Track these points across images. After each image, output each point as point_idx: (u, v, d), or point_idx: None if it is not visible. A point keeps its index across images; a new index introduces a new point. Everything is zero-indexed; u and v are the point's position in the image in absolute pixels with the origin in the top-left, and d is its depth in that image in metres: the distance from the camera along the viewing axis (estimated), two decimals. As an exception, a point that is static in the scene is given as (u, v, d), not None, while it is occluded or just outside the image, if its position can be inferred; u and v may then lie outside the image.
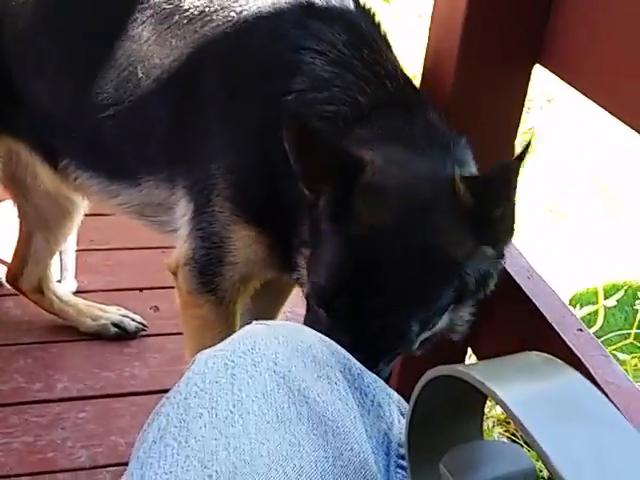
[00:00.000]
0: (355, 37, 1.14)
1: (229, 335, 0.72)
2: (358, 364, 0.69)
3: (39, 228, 1.72)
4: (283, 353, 0.66)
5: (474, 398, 0.52)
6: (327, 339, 0.70)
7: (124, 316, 1.83)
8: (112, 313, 1.83)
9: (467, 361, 1.44)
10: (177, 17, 1.22)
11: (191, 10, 1.21)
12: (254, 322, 0.74)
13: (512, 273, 1.20)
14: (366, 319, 0.96)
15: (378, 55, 1.13)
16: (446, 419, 0.54)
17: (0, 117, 1.40)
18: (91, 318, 1.81)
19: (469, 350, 1.37)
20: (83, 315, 1.81)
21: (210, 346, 0.70)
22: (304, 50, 1.12)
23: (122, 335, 1.82)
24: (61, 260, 1.90)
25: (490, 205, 0.98)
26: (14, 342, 1.77)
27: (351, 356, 0.70)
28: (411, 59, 1.20)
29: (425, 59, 1.23)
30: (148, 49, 1.24)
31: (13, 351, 1.74)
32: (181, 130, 1.24)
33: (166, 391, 0.68)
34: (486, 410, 1.86)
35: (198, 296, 1.27)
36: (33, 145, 1.44)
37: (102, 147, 1.35)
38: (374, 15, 1.21)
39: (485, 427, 1.80)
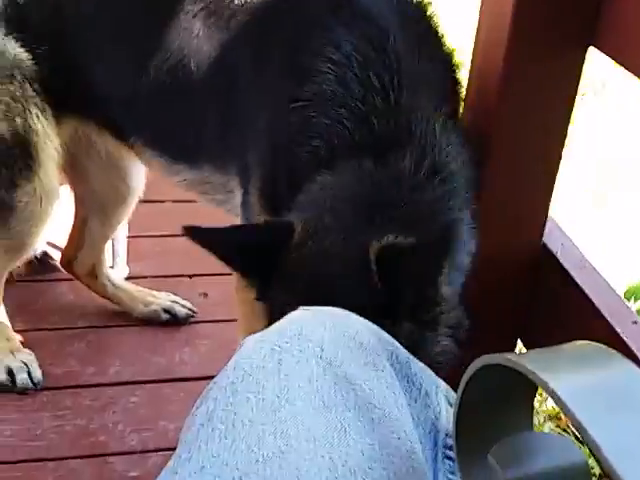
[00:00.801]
0: (374, 52, 1.08)
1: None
2: (404, 351, 0.69)
3: (95, 213, 1.76)
4: (330, 339, 0.66)
5: (524, 388, 0.51)
6: (374, 326, 0.70)
7: (174, 302, 1.86)
8: (163, 299, 1.86)
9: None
10: (222, 10, 1.24)
11: (236, 2, 1.22)
12: (301, 308, 0.74)
13: (564, 264, 1.18)
14: None
15: (390, 78, 1.06)
16: (495, 409, 0.53)
17: (68, 100, 1.45)
18: (143, 304, 1.84)
19: (519, 342, 1.35)
20: (135, 301, 1.85)
21: (259, 331, 0.70)
22: (322, 57, 1.10)
23: (172, 321, 1.84)
24: (113, 246, 1.93)
25: (398, 288, 0.94)
26: (68, 326, 1.80)
27: (398, 343, 0.69)
28: (461, 41, 1.15)
29: (475, 42, 1.21)
30: (198, 42, 1.26)
31: (67, 335, 1.78)
32: (228, 122, 1.26)
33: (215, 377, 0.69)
34: (537, 405, 1.83)
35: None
36: (103, 124, 1.48)
37: (163, 131, 1.39)
38: (424, 7, 1.17)
39: (536, 422, 1.77)
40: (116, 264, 1.94)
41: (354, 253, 0.97)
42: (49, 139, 1.46)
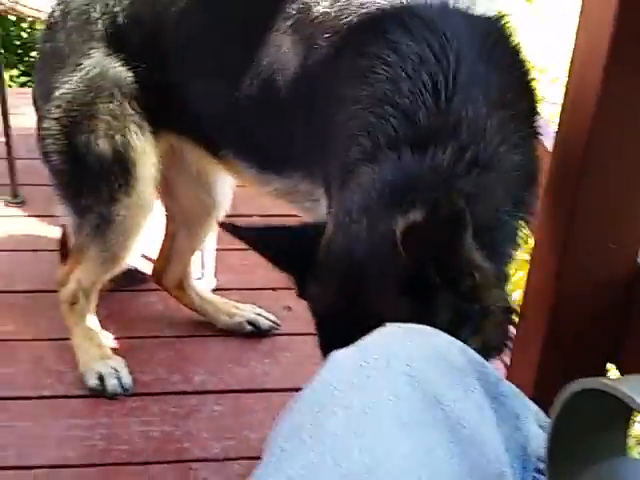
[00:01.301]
0: (432, 54, 1.09)
1: None
2: (495, 372, 0.68)
3: (182, 226, 1.81)
4: (418, 356, 0.65)
5: (620, 413, 0.50)
6: (463, 345, 0.69)
7: (258, 314, 1.89)
8: (247, 311, 1.89)
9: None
10: (306, 26, 1.26)
11: (318, 18, 1.24)
12: (388, 324, 0.74)
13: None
14: None
15: (445, 77, 1.07)
16: (589, 434, 0.51)
17: (164, 116, 1.51)
18: (227, 315, 1.88)
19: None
20: (220, 312, 1.88)
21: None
22: (378, 58, 1.12)
23: (256, 333, 1.87)
24: (202, 259, 1.98)
25: (423, 261, 0.93)
26: (156, 335, 1.86)
27: (488, 364, 0.68)
28: (555, 58, 1.13)
29: (572, 61, 1.18)
30: (286, 57, 1.29)
31: (155, 343, 1.84)
32: (312, 133, 1.29)
33: (296, 390, 0.69)
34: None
35: None
36: (196, 139, 1.54)
37: (253, 142, 1.43)
38: (499, 19, 1.17)
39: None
40: (204, 276, 1.99)
41: (379, 236, 0.97)
42: (146, 155, 1.52)
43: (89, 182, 1.53)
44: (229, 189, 1.77)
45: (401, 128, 1.06)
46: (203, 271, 2.00)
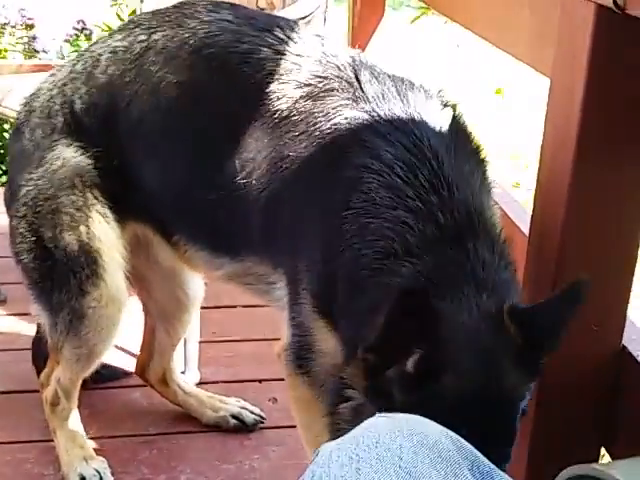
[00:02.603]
0: (414, 157, 1.15)
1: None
2: (486, 461, 0.67)
3: (160, 321, 1.80)
4: (408, 447, 0.65)
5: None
6: (452, 434, 0.68)
7: (243, 408, 1.85)
8: (231, 405, 1.85)
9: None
10: (266, 119, 1.29)
11: (278, 114, 1.28)
12: (377, 414, 0.73)
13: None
14: None
15: (437, 177, 1.13)
16: (585, 522, 0.51)
17: (124, 203, 1.51)
18: (212, 409, 1.85)
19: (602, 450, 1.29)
20: (204, 406, 1.85)
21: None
22: (363, 168, 1.16)
23: (241, 427, 1.83)
24: (185, 352, 1.96)
25: (538, 343, 1.04)
26: (140, 433, 1.82)
27: (479, 452, 0.67)
28: (523, 146, 1.18)
29: (542, 151, 1.22)
30: (245, 144, 1.31)
31: (139, 441, 1.79)
32: (275, 225, 1.30)
33: (286, 486, 0.68)
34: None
35: (296, 378, 1.31)
36: (154, 226, 1.53)
37: (207, 226, 1.43)
38: (457, 118, 1.24)
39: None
40: (188, 369, 1.96)
41: (490, 322, 1.04)
42: (112, 244, 1.50)
43: (58, 277, 1.51)
44: (201, 282, 1.76)
45: (428, 228, 1.11)
46: (188, 364, 1.97)
